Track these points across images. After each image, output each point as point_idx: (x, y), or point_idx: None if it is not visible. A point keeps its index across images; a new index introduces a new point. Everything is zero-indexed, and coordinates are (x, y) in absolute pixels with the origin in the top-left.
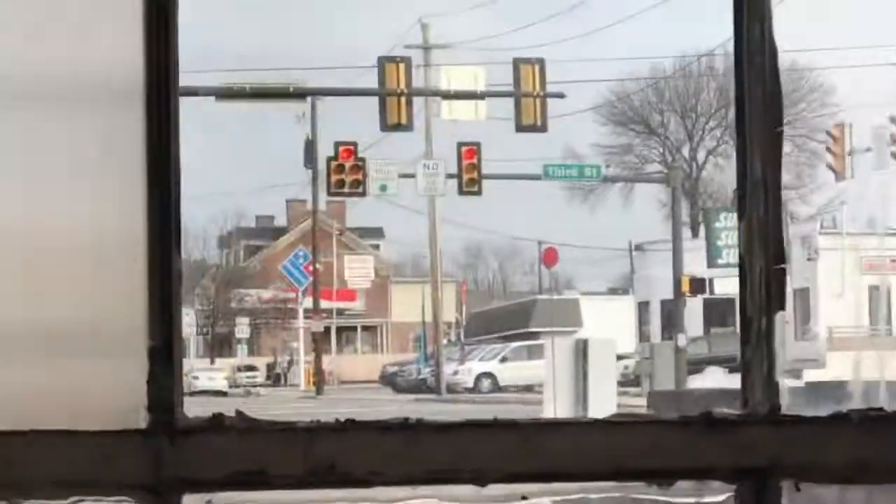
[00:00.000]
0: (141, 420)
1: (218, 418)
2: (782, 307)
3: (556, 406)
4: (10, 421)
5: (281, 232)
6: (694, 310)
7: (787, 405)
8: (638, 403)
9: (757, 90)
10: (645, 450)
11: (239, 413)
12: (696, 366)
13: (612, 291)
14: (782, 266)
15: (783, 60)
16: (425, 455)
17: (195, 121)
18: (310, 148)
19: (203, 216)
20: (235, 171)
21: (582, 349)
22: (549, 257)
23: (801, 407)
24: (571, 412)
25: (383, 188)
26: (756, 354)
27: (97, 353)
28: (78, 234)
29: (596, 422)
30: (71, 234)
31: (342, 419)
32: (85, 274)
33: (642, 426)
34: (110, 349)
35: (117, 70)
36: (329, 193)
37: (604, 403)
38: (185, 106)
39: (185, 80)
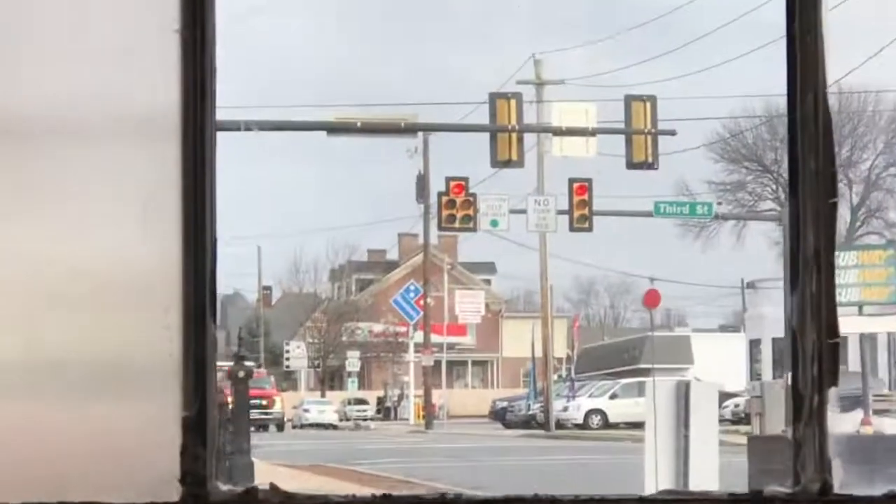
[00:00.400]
0: (174, 492)
1: (252, 492)
2: (835, 383)
3: (657, 448)
4: (35, 491)
5: (392, 266)
6: None
7: None
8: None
9: (811, 160)
10: None
11: (273, 486)
12: None
13: (724, 329)
14: (836, 341)
15: None
16: None
17: (308, 155)
18: (421, 183)
19: (315, 249)
20: (348, 206)
21: (683, 392)
22: (650, 299)
23: None
24: (672, 454)
25: (494, 223)
26: (808, 432)
27: (129, 421)
28: (109, 288)
29: (642, 499)
30: (101, 286)
31: (382, 493)
32: (114, 336)
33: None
34: (142, 417)
35: (154, 112)
36: (440, 228)
37: (706, 446)
38: (300, 141)
39: (294, 114)
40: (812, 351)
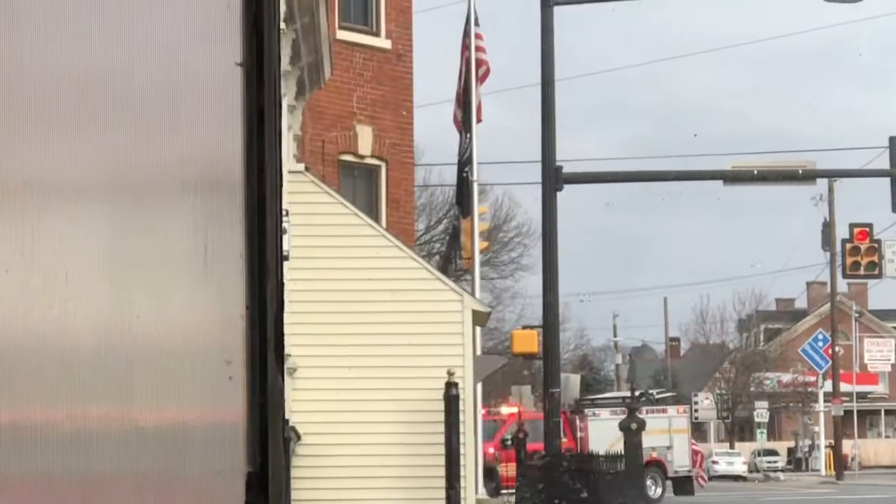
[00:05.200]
0: None
1: None
2: None
3: None
4: None
5: (800, 315)
6: None
7: None
8: None
9: None
10: None
11: None
12: None
13: None
14: None
15: None
16: None
17: (713, 205)
18: (827, 230)
19: (721, 299)
20: (754, 254)
21: None
22: None
23: None
24: None
25: None
26: None
27: (192, 478)
28: (171, 342)
29: None
30: (163, 340)
31: None
32: (177, 390)
33: None
34: (205, 474)
35: (216, 168)
36: (844, 276)
37: None
38: (699, 190)
39: (691, 164)
40: None
